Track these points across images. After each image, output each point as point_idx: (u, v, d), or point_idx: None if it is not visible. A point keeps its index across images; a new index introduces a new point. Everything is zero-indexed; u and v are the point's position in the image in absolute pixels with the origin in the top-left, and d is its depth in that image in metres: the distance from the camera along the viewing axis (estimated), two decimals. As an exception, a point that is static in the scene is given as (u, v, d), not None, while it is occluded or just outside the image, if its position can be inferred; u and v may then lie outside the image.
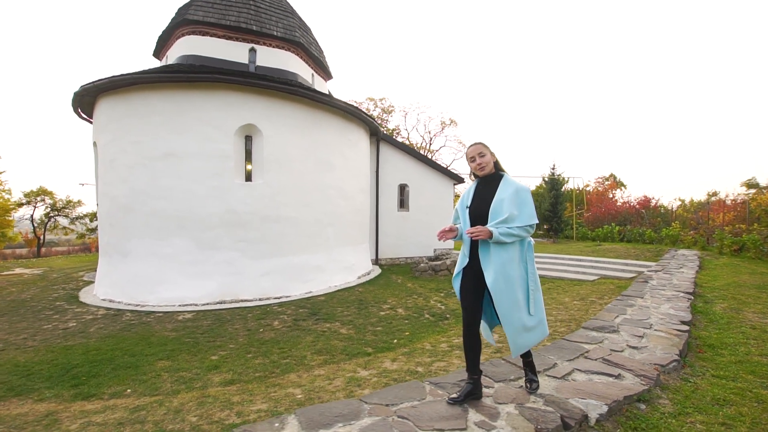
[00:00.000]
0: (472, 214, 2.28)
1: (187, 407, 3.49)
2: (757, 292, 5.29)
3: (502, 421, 1.88)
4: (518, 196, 2.18)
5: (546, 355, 2.76)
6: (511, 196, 2.16)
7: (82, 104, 8.67)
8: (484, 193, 2.28)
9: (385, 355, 4.94)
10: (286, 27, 9.99)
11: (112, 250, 7.91)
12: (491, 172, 2.32)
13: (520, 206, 2.17)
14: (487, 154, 2.30)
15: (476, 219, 2.24)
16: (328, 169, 9.08)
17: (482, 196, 2.29)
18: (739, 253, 9.54)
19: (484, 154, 2.29)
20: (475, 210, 2.27)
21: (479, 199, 2.29)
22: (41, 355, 4.96)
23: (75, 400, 3.80)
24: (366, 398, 2.21)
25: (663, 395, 2.34)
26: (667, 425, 2.01)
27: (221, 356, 4.98)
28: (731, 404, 2.24)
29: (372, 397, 2.21)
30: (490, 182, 2.30)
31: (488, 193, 2.26)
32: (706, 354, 3.10)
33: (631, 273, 9.40)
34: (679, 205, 24.89)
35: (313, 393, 3.69)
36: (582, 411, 1.99)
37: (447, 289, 9.14)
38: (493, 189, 2.25)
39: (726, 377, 2.63)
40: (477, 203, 2.28)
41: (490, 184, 2.29)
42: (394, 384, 3.48)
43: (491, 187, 2.27)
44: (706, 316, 4.22)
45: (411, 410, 1.98)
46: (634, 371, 2.51)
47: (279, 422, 1.83)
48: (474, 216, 2.26)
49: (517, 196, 2.18)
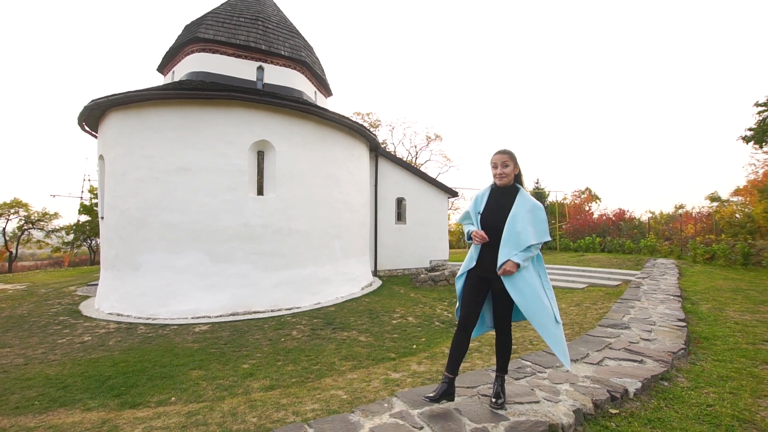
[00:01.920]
0: (483, 222, 2.27)
1: (239, 410, 3.68)
2: (733, 295, 5.99)
3: (563, 395, 2.29)
4: (533, 214, 2.19)
5: (577, 348, 3.21)
6: (526, 214, 2.17)
7: (89, 118, 8.71)
8: (499, 204, 2.27)
9: (409, 359, 5.25)
10: (293, 47, 10.41)
11: (120, 264, 7.89)
12: (509, 183, 2.31)
13: (535, 223, 2.17)
14: (511, 166, 2.27)
15: (487, 228, 2.24)
16: (335, 184, 9.43)
17: (496, 206, 2.28)
18: (711, 261, 10.48)
19: (508, 164, 2.26)
20: (486, 218, 2.27)
21: (493, 208, 2.28)
22: (68, 368, 4.98)
23: (122, 408, 3.91)
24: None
25: (679, 375, 2.83)
26: (689, 396, 2.49)
27: (252, 364, 5.15)
28: (733, 379, 2.76)
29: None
30: (506, 193, 2.29)
31: (503, 204, 2.25)
32: (703, 344, 3.64)
33: (617, 281, 10.11)
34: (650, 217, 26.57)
35: (356, 393, 3.95)
36: (623, 386, 2.43)
37: (449, 298, 9.55)
38: (509, 202, 2.24)
39: (724, 360, 3.15)
40: (490, 212, 2.27)
41: (506, 196, 2.28)
42: (430, 384, 3.82)
43: (507, 199, 2.26)
44: (696, 315, 4.81)
45: (490, 389, 2.35)
46: (653, 357, 2.99)
47: (387, 403, 2.15)
48: (485, 224, 2.26)
49: (533, 214, 2.19)
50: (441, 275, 11.45)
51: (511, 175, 2.28)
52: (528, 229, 2.14)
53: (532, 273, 2.18)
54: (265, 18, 10.29)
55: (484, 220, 2.28)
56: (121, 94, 7.59)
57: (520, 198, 2.23)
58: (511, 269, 2.08)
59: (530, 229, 2.14)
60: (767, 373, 2.89)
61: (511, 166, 2.27)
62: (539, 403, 2.19)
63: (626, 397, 2.39)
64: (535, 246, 2.16)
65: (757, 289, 6.47)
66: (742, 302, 5.41)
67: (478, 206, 2.34)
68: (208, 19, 9.55)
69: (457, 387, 2.35)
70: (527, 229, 2.13)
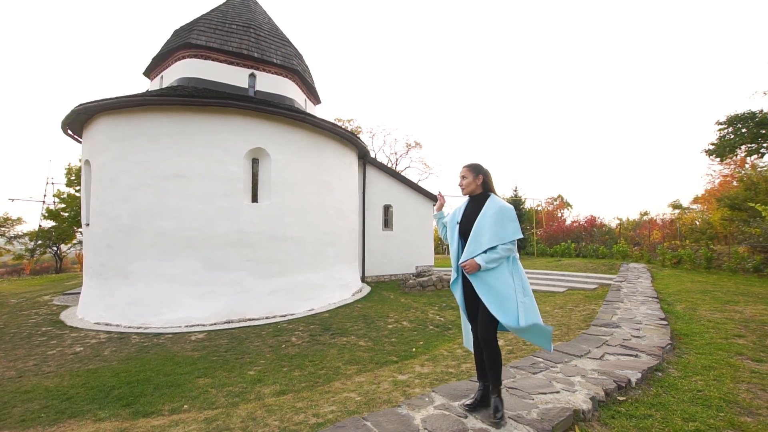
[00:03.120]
0: (460, 230, 2.44)
1: (258, 415, 3.75)
2: (702, 296, 6.60)
3: (578, 386, 2.58)
4: (501, 214, 2.27)
5: (579, 345, 3.54)
6: (493, 215, 2.27)
7: (74, 122, 8.45)
8: (471, 211, 2.42)
9: (412, 362, 5.45)
10: (285, 55, 10.51)
11: (108, 272, 7.67)
12: (477, 192, 2.45)
13: (504, 223, 2.25)
14: (469, 177, 2.43)
15: (463, 235, 2.41)
16: (328, 191, 9.55)
17: (469, 213, 2.43)
18: (678, 265, 11.33)
19: (465, 176, 2.45)
20: (463, 226, 2.42)
21: (467, 217, 2.42)
22: (68, 379, 4.85)
23: (135, 418, 3.88)
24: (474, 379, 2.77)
25: (669, 366, 3.20)
26: (681, 383, 2.85)
27: (258, 371, 5.19)
28: (715, 368, 3.16)
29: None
30: (478, 201, 2.43)
31: (474, 211, 2.39)
32: (684, 340, 4.06)
33: (594, 284, 10.74)
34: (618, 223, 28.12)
35: (369, 395, 4.10)
36: (626, 377, 2.75)
37: (439, 303, 9.84)
38: (479, 208, 2.37)
39: (704, 353, 3.57)
40: (465, 221, 2.42)
41: (478, 204, 2.42)
42: (438, 384, 4.05)
43: (478, 206, 2.40)
44: (673, 315, 5.29)
45: (513, 383, 2.60)
46: (645, 352, 3.35)
47: (428, 397, 2.36)
48: (462, 232, 2.42)
49: (500, 214, 2.27)
50: (429, 281, 11.75)
51: (471, 185, 2.43)
52: (491, 230, 2.23)
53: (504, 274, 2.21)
54: (257, 25, 10.35)
55: (461, 228, 2.43)
56: (113, 98, 7.45)
57: (489, 202, 2.36)
58: (471, 268, 2.20)
59: (493, 230, 2.22)
60: (741, 363, 3.31)
61: (469, 178, 2.43)
62: (559, 393, 2.46)
63: (629, 386, 2.71)
64: (502, 247, 2.21)
65: (721, 290, 7.14)
66: (710, 302, 5.99)
67: (456, 216, 2.51)
68: (200, 25, 9.52)
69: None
70: (490, 230, 2.23)
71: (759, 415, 2.36)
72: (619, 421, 2.29)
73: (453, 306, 9.44)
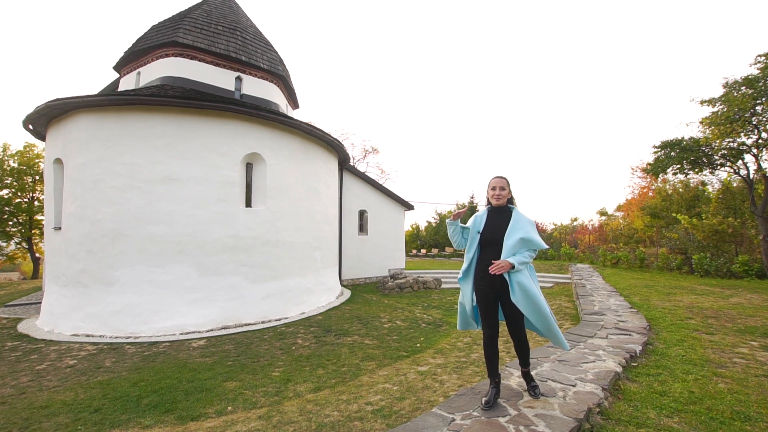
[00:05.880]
0: (483, 240, 2.54)
1: (309, 408, 4.01)
2: (647, 290, 8.02)
3: (605, 356, 3.32)
4: (532, 226, 2.50)
5: (584, 329, 4.36)
6: (526, 224, 2.48)
7: (41, 117, 7.75)
8: (497, 222, 2.55)
9: (422, 356, 5.97)
10: (271, 60, 10.53)
11: (88, 280, 7.16)
12: (503, 204, 2.63)
13: (535, 233, 2.47)
14: (507, 189, 2.61)
15: (486, 245, 2.53)
16: (316, 197, 9.76)
17: (494, 224, 2.55)
18: (617, 265, 13.26)
19: (504, 188, 2.60)
20: (486, 235, 2.53)
21: (491, 227, 2.55)
22: (83, 392, 4.61)
23: (184, 422, 3.90)
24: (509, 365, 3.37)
25: (655, 341, 4.11)
26: (669, 352, 3.84)
27: (282, 372, 5.35)
28: (686, 341, 4.19)
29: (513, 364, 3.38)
30: (502, 213, 2.58)
31: (501, 223, 2.54)
32: (653, 323, 5.11)
33: (551, 283, 12.16)
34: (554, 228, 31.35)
35: (404, 385, 4.56)
36: (633, 349, 3.56)
37: (420, 303, 10.47)
38: (506, 220, 2.53)
39: (672, 331, 4.60)
40: (489, 230, 2.54)
41: (503, 216, 2.57)
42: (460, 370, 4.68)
43: (504, 217, 2.55)
44: (634, 305, 6.47)
45: (559, 357, 3.25)
46: (635, 332, 4.25)
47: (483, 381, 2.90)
48: (485, 242, 2.53)
49: (531, 225, 2.50)
50: (406, 282, 12.37)
51: (506, 197, 2.61)
52: (527, 236, 2.43)
53: (528, 279, 2.42)
54: (242, 29, 10.24)
55: (483, 237, 2.55)
56: (102, 96, 7.04)
57: (517, 214, 2.56)
58: (501, 267, 2.35)
59: (529, 236, 2.43)
60: (701, 336, 4.40)
61: (507, 190, 2.61)
62: (595, 362, 3.18)
63: (636, 355, 3.52)
64: (528, 254, 2.43)
65: (659, 285, 8.69)
66: (657, 294, 7.35)
67: (477, 226, 2.62)
68: (186, 23, 9.21)
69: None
70: (526, 236, 2.43)
71: (728, 368, 3.31)
72: (641, 378, 3.07)
73: (435, 305, 10.14)
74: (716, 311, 5.89)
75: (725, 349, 3.89)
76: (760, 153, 10.01)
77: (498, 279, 2.43)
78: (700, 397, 2.71)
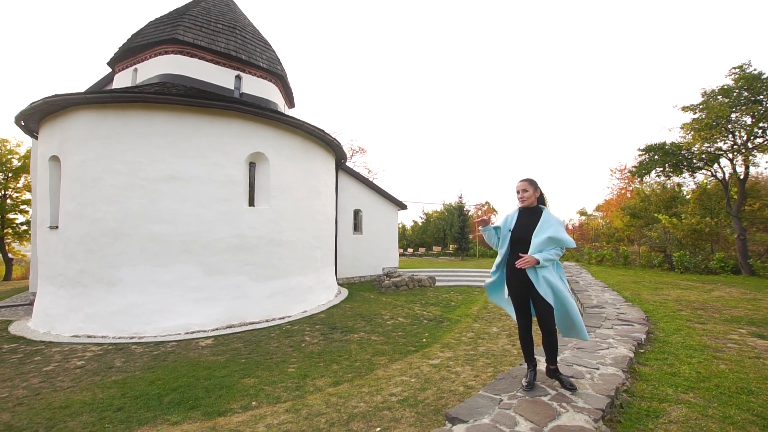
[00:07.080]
0: (513, 238, 2.70)
1: (334, 401, 4.14)
2: (636, 285, 8.49)
3: (616, 344, 3.60)
4: (561, 225, 2.62)
5: (591, 320, 4.66)
6: (555, 223, 2.60)
7: (36, 113, 7.53)
8: (526, 222, 2.70)
9: (431, 350, 6.18)
10: (270, 60, 10.52)
11: (88, 280, 7.02)
12: (532, 205, 2.77)
13: (563, 231, 2.57)
14: (530, 191, 2.75)
15: (516, 242, 2.68)
16: (316, 196, 9.83)
17: (524, 224, 2.71)
18: (601, 263, 13.87)
19: (527, 190, 2.75)
20: (516, 234, 2.69)
21: (521, 225, 2.70)
22: (101, 392, 4.58)
23: (211, 418, 3.95)
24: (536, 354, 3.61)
25: (655, 330, 4.45)
26: (670, 339, 4.13)
27: (297, 368, 5.43)
28: (682, 330, 4.51)
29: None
30: (532, 213, 2.73)
31: (530, 222, 2.68)
32: (649, 314, 5.48)
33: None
34: (537, 228, 32.20)
35: (421, 376, 4.76)
36: (639, 337, 3.86)
37: (418, 300, 10.69)
38: (535, 219, 2.67)
39: (668, 322, 4.96)
40: (519, 229, 2.70)
41: (533, 215, 2.71)
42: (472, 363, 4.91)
43: (533, 217, 2.69)
44: (627, 299, 6.88)
45: (577, 345, 3.51)
46: (636, 322, 4.58)
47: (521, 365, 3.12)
48: (515, 239, 2.69)
49: (560, 225, 2.61)
50: (402, 281, 12.57)
51: (531, 198, 2.75)
52: (555, 234, 2.55)
53: (554, 274, 2.57)
54: (241, 27, 10.20)
55: (514, 235, 2.72)
56: (103, 91, 6.93)
57: (546, 214, 2.70)
58: (530, 261, 2.49)
59: (557, 234, 2.54)
60: (694, 326, 4.77)
61: (530, 192, 2.75)
62: (609, 349, 3.46)
63: (642, 343, 3.83)
64: (554, 251, 2.56)
65: (645, 280, 9.20)
66: (645, 289, 7.81)
67: (508, 225, 2.79)
68: (185, 20, 9.10)
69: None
70: (555, 234, 2.55)
71: (725, 352, 3.66)
72: (651, 362, 3.37)
73: (432, 303, 10.37)
74: (702, 303, 6.36)
75: (719, 336, 4.27)
76: (735, 157, 10.77)
77: (527, 274, 2.58)
78: (707, 376, 3.02)
